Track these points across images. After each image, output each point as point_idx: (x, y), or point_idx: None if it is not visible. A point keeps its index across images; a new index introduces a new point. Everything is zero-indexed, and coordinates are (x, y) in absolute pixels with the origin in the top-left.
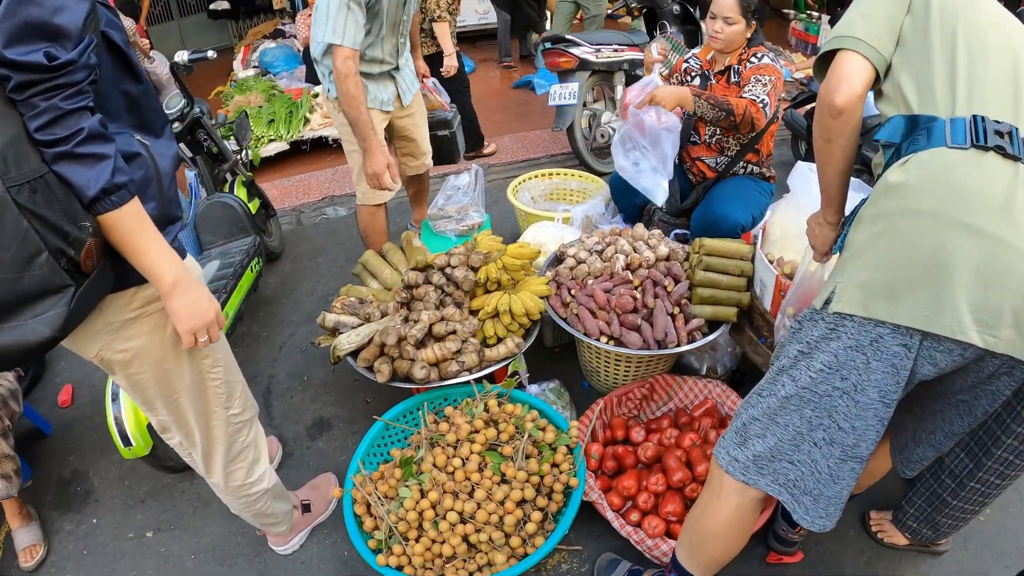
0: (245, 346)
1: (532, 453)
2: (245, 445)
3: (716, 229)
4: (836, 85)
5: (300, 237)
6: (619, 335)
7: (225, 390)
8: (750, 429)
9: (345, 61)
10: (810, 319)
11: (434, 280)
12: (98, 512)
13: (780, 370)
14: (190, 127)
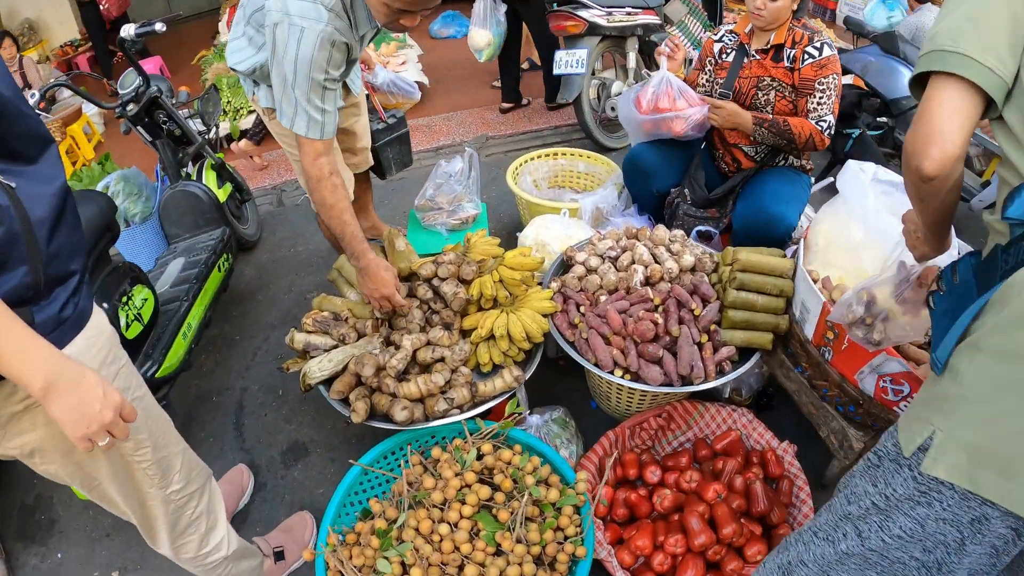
0: (216, 351)
1: (533, 515)
2: (194, 518)
3: (769, 231)
4: (925, 144)
5: (280, 220)
6: (636, 368)
7: (157, 470)
8: (795, 572)
9: (317, 160)
10: (893, 464)
11: (419, 294)
12: (62, 545)
13: (845, 516)
14: (147, 108)
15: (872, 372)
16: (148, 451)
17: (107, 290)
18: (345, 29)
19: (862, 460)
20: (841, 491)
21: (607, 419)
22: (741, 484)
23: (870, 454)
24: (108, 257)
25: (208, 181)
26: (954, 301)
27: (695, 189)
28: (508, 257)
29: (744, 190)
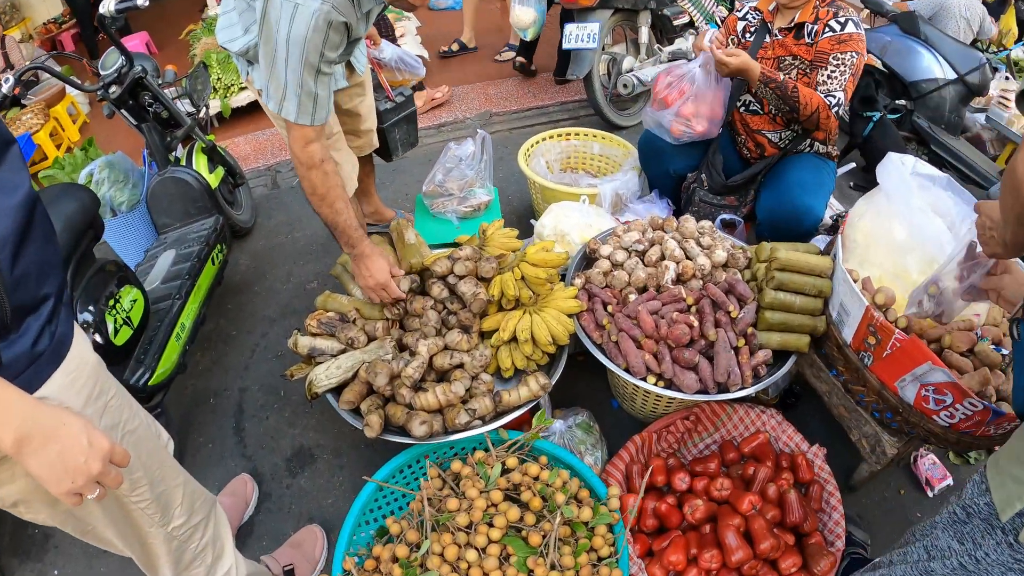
0: (212, 349)
1: (564, 535)
2: (199, 550)
3: (797, 224)
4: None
5: (275, 204)
6: (671, 375)
7: (156, 508)
8: None
9: (307, 146)
10: (984, 524)
11: (434, 293)
12: (59, 561)
13: (926, 571)
14: (131, 90)
15: (915, 381)
16: (145, 490)
17: (92, 293)
18: (345, 6)
19: (945, 511)
20: (918, 540)
21: (630, 419)
22: (774, 493)
23: (956, 507)
24: (92, 256)
25: (199, 166)
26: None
27: (712, 175)
28: (530, 252)
29: (767, 179)
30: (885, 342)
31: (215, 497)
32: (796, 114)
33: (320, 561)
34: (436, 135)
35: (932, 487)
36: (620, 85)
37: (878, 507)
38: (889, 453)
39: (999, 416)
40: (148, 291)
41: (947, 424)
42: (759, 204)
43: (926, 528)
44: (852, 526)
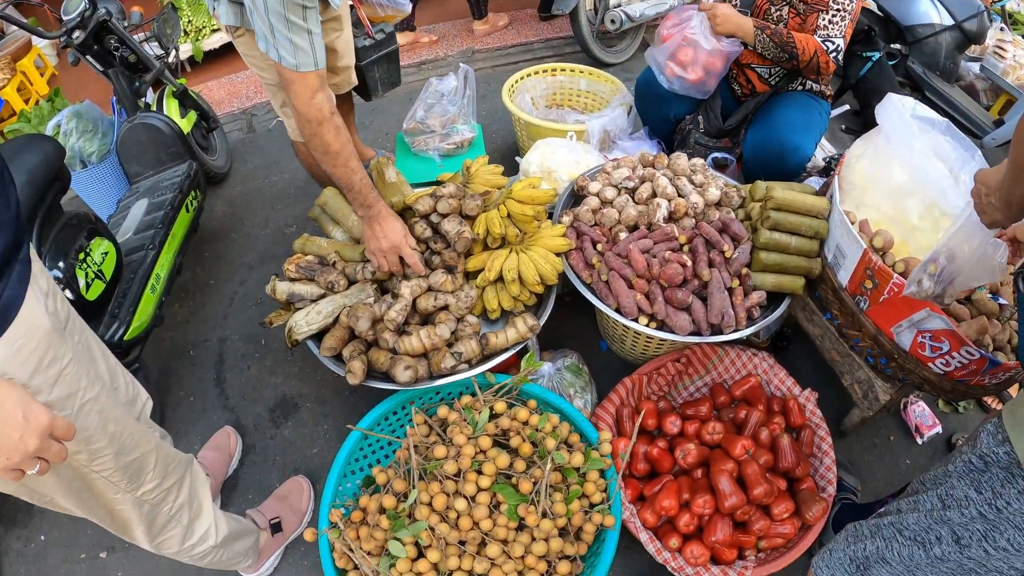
0: (189, 299)
1: (556, 482)
2: (174, 512)
3: (782, 162)
4: None
5: (251, 148)
6: (663, 316)
7: (123, 476)
8: (874, 569)
9: (313, 98)
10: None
11: (416, 232)
12: (44, 526)
13: (942, 520)
14: (96, 34)
15: (911, 327)
16: (108, 459)
17: (61, 247)
18: None
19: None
20: (930, 488)
21: (619, 360)
22: (767, 438)
23: (971, 456)
24: (60, 209)
25: (170, 111)
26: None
27: (710, 118)
28: (516, 190)
29: (757, 116)
30: (882, 286)
31: (191, 456)
32: (796, 62)
33: (307, 512)
34: (417, 73)
35: (922, 434)
36: (607, 21)
37: (868, 452)
38: (882, 399)
39: (995, 365)
40: (121, 243)
41: (942, 372)
42: (745, 142)
43: (938, 477)
44: (843, 471)
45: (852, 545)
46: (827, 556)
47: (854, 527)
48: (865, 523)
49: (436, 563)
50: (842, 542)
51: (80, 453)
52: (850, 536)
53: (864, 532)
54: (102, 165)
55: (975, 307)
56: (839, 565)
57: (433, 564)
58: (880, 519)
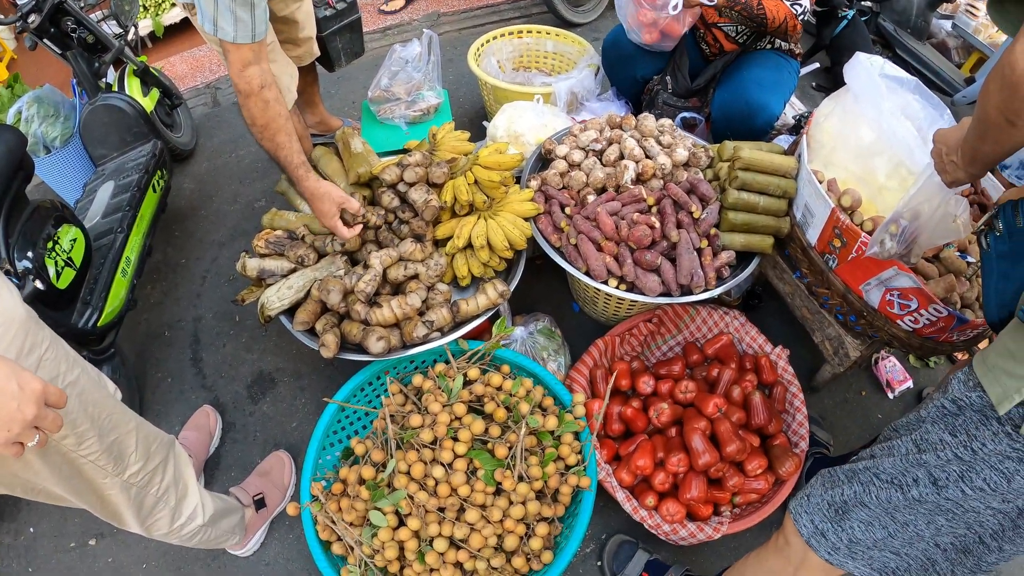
0: (162, 280)
1: (531, 446)
2: (160, 493)
3: (750, 121)
4: None
5: (217, 122)
6: (633, 278)
7: (109, 459)
8: (853, 512)
9: (245, 70)
10: (978, 416)
11: (384, 202)
12: (32, 519)
13: (918, 463)
14: (52, 17)
15: (880, 285)
16: (93, 442)
17: (29, 237)
18: None
19: (931, 405)
20: (903, 433)
21: (591, 322)
22: (739, 395)
23: (943, 400)
24: (25, 199)
25: (131, 90)
26: (1016, 245)
27: (678, 78)
28: (483, 155)
29: (725, 75)
30: (851, 245)
31: (173, 437)
32: (764, 28)
33: (289, 487)
34: (382, 39)
35: (893, 389)
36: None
37: (840, 408)
38: (852, 355)
39: (963, 323)
40: (89, 227)
41: (911, 329)
42: (713, 101)
43: (911, 423)
44: (815, 427)
45: (829, 490)
46: (805, 502)
47: (829, 473)
48: (840, 469)
49: (417, 531)
50: (819, 487)
51: (67, 438)
52: (826, 482)
53: (840, 478)
54: (66, 149)
55: (943, 265)
56: (817, 510)
57: (414, 532)
58: (855, 464)
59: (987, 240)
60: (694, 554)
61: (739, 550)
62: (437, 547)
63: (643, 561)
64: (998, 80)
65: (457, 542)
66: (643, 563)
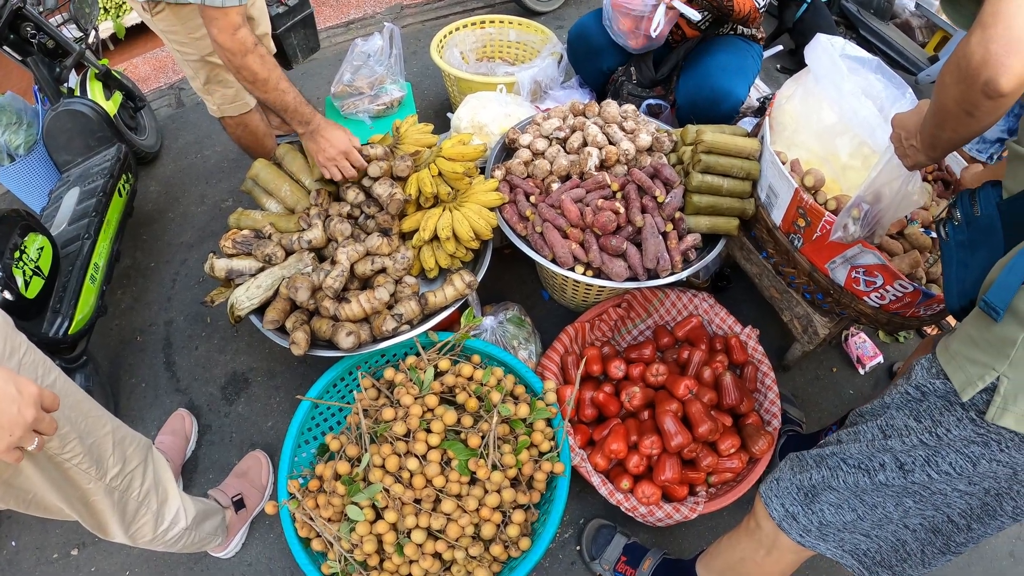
0: (132, 285)
1: (504, 434)
2: (142, 498)
3: (715, 107)
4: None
5: (182, 124)
6: (599, 264)
7: (91, 461)
8: (822, 495)
9: (237, 33)
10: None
11: (349, 197)
12: (13, 532)
13: (884, 448)
14: (10, 23)
15: (845, 263)
16: (75, 444)
17: None
18: None
19: (895, 392)
20: (869, 419)
21: (562, 309)
22: (710, 376)
23: (907, 387)
24: None
25: (94, 94)
26: (974, 234)
27: (642, 68)
28: (446, 147)
29: (688, 63)
30: (815, 224)
31: (149, 441)
32: (729, 17)
33: (268, 486)
34: (344, 33)
35: (863, 364)
36: None
37: (812, 385)
38: (821, 333)
39: (929, 298)
40: (56, 235)
41: (878, 305)
42: (679, 89)
43: (875, 408)
44: (787, 404)
45: (799, 474)
46: (775, 485)
47: (798, 457)
48: (808, 454)
49: (394, 523)
50: (788, 471)
51: (51, 440)
52: (795, 466)
53: (809, 462)
54: (30, 157)
55: (908, 241)
56: (787, 493)
57: (391, 525)
58: (823, 449)
59: (946, 230)
60: (672, 535)
61: (716, 529)
62: (415, 539)
63: (621, 544)
64: (954, 72)
65: (435, 533)
66: (621, 547)
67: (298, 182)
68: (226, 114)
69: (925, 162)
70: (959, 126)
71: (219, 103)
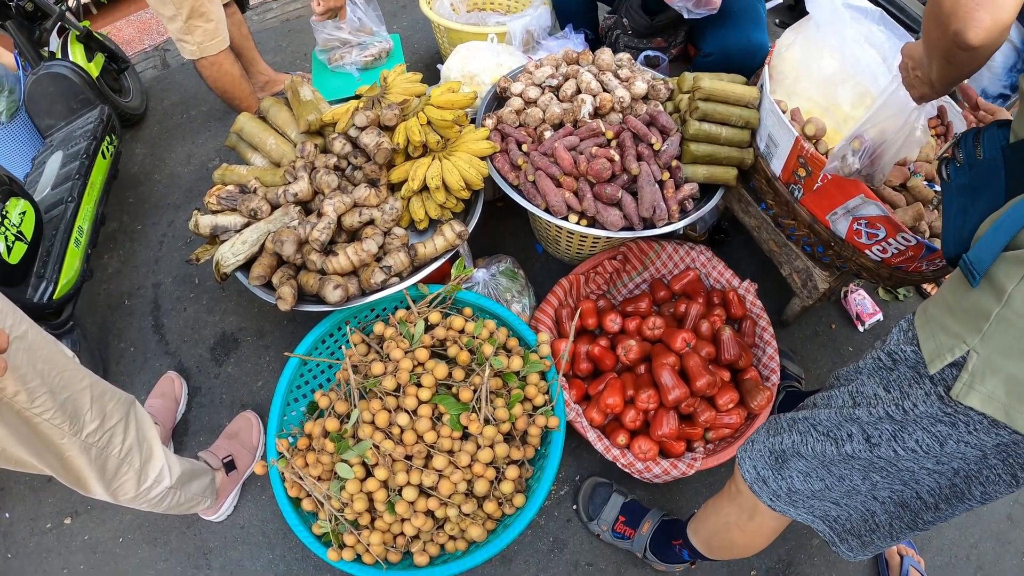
0: (118, 248)
1: (497, 388)
2: (123, 455)
3: (751, 60)
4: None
5: (167, 85)
6: (593, 212)
7: (63, 417)
8: (791, 462)
9: None
10: (912, 372)
11: (336, 149)
12: (6, 503)
13: (851, 418)
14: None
15: (846, 214)
16: (46, 399)
17: None
18: None
19: (869, 357)
20: (843, 384)
21: (556, 263)
22: (708, 330)
23: (880, 353)
24: None
25: (75, 56)
26: (975, 179)
27: (633, 16)
28: (435, 95)
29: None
30: (816, 174)
31: (132, 397)
32: None
33: (259, 447)
34: None
35: (863, 322)
36: None
37: (810, 341)
38: (821, 288)
39: (932, 252)
40: (40, 199)
41: (879, 259)
42: (707, 39)
43: (850, 373)
44: (786, 360)
45: (772, 437)
46: (749, 447)
47: (774, 419)
48: (784, 416)
49: (384, 481)
50: (763, 433)
51: (19, 394)
52: (770, 428)
53: (783, 425)
54: (12, 123)
55: (910, 194)
56: (759, 456)
57: (382, 482)
58: (797, 413)
59: (947, 171)
60: (669, 493)
61: (714, 486)
62: (406, 496)
63: (619, 504)
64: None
65: (426, 490)
66: (619, 506)
67: (283, 135)
68: (206, 53)
69: (930, 95)
70: (945, 67)
71: (200, 41)
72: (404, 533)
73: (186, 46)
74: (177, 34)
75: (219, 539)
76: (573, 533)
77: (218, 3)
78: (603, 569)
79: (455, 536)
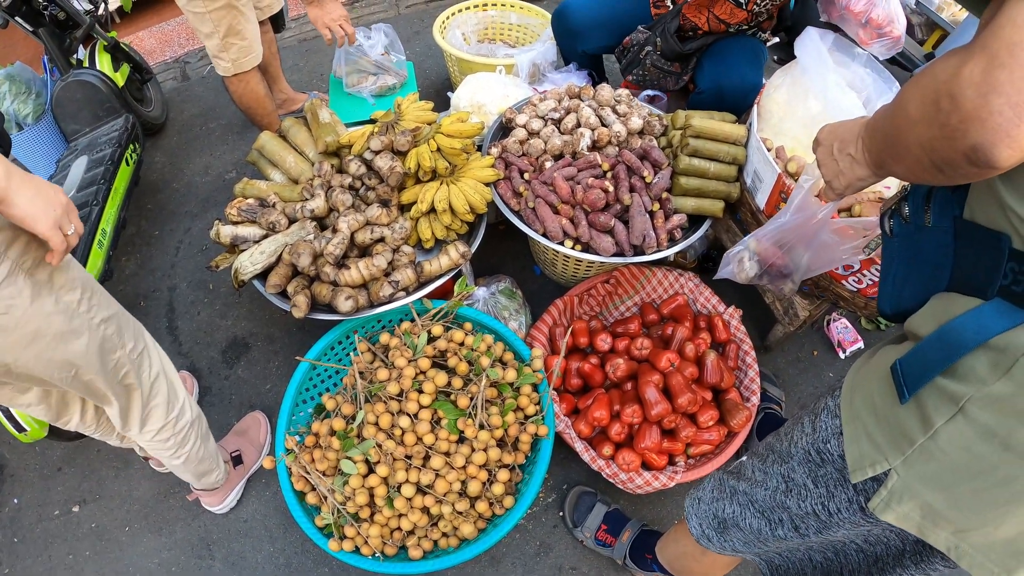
0: (136, 252)
1: (492, 397)
2: (155, 377)
3: (744, 99)
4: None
5: (187, 97)
6: (588, 239)
7: (115, 329)
8: (732, 531)
9: None
10: (838, 475)
11: (351, 170)
12: (16, 490)
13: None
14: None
15: None
16: (102, 309)
17: None
18: None
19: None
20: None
21: (552, 284)
22: (692, 352)
23: (811, 448)
24: None
25: (102, 65)
26: (921, 243)
27: (667, 39)
28: (445, 124)
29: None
30: None
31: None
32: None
33: (265, 445)
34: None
35: (844, 349)
36: None
37: (793, 367)
38: (801, 315)
39: None
40: None
41: (855, 289)
42: (703, 74)
43: (783, 452)
44: (767, 383)
45: (717, 501)
46: (696, 504)
47: (720, 479)
48: (727, 480)
49: (385, 477)
50: (709, 491)
51: (81, 302)
52: (716, 488)
53: (726, 490)
54: (38, 126)
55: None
56: (706, 517)
57: (383, 478)
58: (738, 482)
59: (891, 224)
60: (651, 505)
61: None
62: (404, 493)
63: (602, 513)
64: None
65: (423, 488)
66: (602, 515)
67: (302, 154)
68: (241, 69)
69: (866, 178)
70: (918, 170)
71: (235, 57)
72: (401, 528)
73: (220, 63)
74: (214, 51)
75: (222, 531)
76: (559, 538)
77: (254, 21)
78: (585, 573)
79: (448, 533)
